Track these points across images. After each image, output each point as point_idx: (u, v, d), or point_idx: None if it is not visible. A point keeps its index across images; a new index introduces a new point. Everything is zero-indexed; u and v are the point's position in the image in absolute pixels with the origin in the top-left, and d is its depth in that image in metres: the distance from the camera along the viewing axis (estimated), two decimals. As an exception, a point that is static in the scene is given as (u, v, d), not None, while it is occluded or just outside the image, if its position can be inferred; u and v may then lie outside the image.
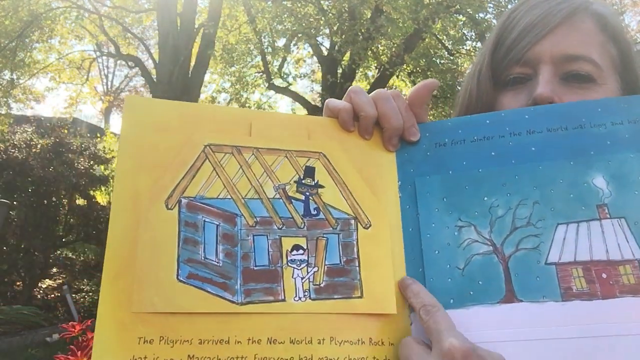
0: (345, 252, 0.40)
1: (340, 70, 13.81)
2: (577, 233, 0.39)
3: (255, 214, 0.40)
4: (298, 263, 0.39)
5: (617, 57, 0.50)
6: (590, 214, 0.39)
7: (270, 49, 13.25)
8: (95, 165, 4.11)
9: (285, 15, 11.67)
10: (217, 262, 0.38)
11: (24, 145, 3.70)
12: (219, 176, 0.40)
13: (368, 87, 15.02)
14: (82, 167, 3.83)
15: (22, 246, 3.53)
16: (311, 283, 0.39)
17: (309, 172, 0.42)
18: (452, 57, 14.65)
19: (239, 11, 13.21)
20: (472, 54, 15.50)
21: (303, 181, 0.41)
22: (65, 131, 4.13)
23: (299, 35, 12.66)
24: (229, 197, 0.40)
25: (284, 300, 0.38)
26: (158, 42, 11.68)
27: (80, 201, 3.96)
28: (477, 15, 11.00)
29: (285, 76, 14.79)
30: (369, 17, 11.67)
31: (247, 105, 16.04)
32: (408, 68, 14.34)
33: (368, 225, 0.41)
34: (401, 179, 0.43)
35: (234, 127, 0.42)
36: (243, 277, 0.38)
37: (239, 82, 15.05)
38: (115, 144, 9.15)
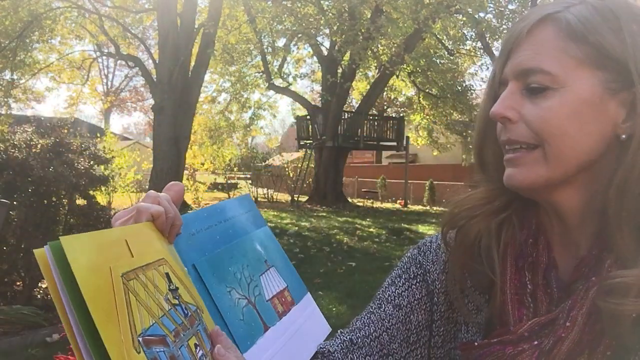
0: (209, 338, 0.47)
1: (340, 70, 13.81)
2: (267, 278, 0.61)
3: (169, 329, 0.43)
4: (202, 358, 0.45)
5: (588, 55, 0.49)
6: (265, 267, 0.62)
7: (270, 49, 13.24)
8: (95, 166, 4.07)
9: (285, 15, 11.67)
10: None
11: (24, 145, 3.67)
12: (138, 304, 0.41)
13: (368, 87, 15.02)
14: (82, 167, 3.78)
15: (22, 246, 3.49)
16: None
17: (168, 277, 0.46)
18: (452, 57, 14.66)
19: (239, 11, 13.19)
20: (472, 53, 15.51)
21: (170, 287, 0.46)
22: (66, 131, 4.09)
23: (299, 35, 12.66)
24: (153, 321, 0.41)
25: None
26: (158, 42, 11.65)
27: (80, 201, 3.91)
28: (477, 15, 11.00)
29: (285, 76, 14.78)
30: (369, 17, 11.67)
31: (247, 105, 16.05)
32: (408, 68, 14.33)
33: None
34: (185, 265, 0.53)
35: (116, 249, 0.42)
36: None
37: (239, 82, 15.04)
38: (115, 144, 9.14)
